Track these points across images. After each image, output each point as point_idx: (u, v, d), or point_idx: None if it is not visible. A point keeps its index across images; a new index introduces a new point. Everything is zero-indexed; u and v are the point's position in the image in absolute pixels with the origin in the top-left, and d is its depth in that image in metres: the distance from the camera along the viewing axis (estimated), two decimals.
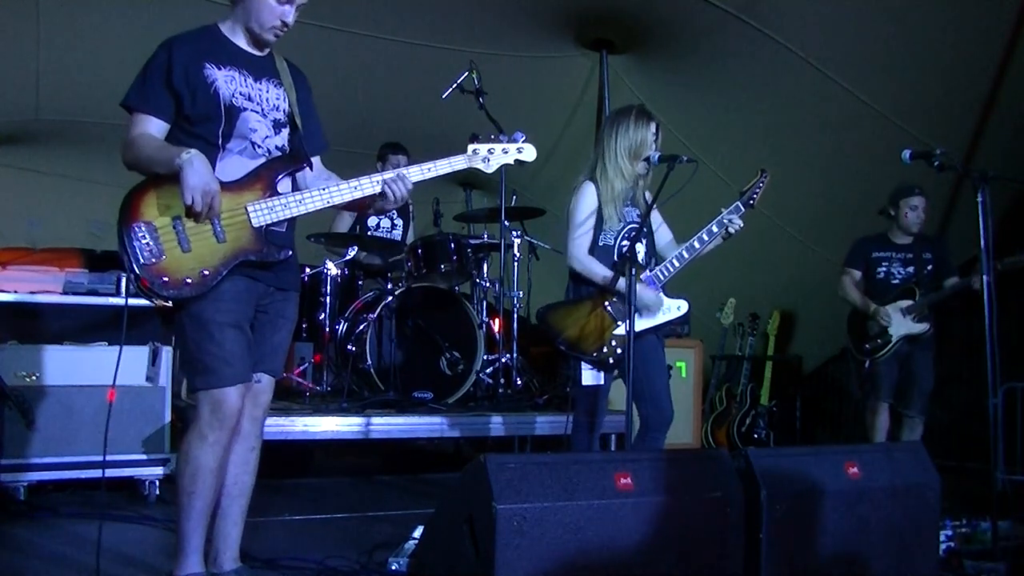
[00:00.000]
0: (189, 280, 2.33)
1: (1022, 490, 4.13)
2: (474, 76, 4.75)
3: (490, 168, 2.66)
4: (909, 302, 4.51)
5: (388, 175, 2.53)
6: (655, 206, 3.24)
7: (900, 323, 4.50)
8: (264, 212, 2.43)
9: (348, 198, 2.53)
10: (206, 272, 2.35)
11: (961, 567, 3.04)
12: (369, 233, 5.36)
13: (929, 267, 4.58)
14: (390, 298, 4.74)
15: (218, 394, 2.39)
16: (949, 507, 3.07)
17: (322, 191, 2.49)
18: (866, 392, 4.63)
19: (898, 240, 4.64)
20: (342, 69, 5.40)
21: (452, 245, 4.90)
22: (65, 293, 4.04)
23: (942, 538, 3.06)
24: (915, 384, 4.52)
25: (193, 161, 2.30)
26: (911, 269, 4.60)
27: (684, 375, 5.48)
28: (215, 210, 2.35)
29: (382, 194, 2.53)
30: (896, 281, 4.60)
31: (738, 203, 3.26)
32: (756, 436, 6.15)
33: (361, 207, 2.67)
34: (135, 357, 3.93)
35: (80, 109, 5.70)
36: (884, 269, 4.64)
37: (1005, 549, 3.04)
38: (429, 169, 2.58)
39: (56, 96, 5.55)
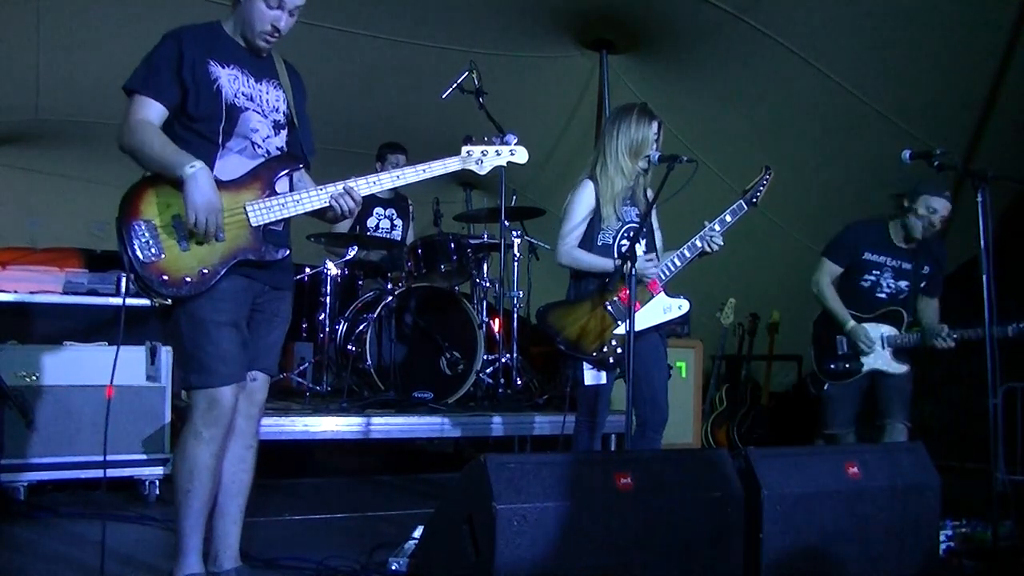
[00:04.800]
0: (188, 278, 2.34)
1: (1022, 490, 4.14)
2: (474, 76, 4.75)
3: (483, 170, 2.69)
4: (893, 331, 3.83)
5: (384, 176, 2.55)
6: (655, 206, 3.23)
7: (878, 354, 3.83)
8: (263, 211, 2.44)
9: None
10: (205, 271, 2.35)
11: (961, 567, 3.04)
12: (369, 233, 5.37)
13: (923, 284, 3.92)
14: (390, 298, 4.73)
15: (214, 393, 2.40)
16: (949, 507, 3.06)
17: (320, 191, 2.51)
18: (821, 417, 3.96)
19: (898, 242, 3.91)
20: (342, 69, 5.40)
21: (452, 245, 4.90)
22: (65, 293, 4.04)
23: (942, 538, 3.06)
24: (890, 394, 3.87)
25: (197, 177, 2.30)
26: (904, 283, 3.89)
27: (684, 375, 5.48)
28: (220, 227, 2.35)
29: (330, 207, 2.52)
30: (882, 295, 3.89)
31: (741, 201, 3.25)
32: (756, 436, 6.15)
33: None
34: (135, 357, 3.93)
35: (80, 109, 5.70)
36: (873, 278, 3.90)
37: (1005, 549, 3.04)
38: (424, 170, 2.60)
39: (56, 96, 5.55)
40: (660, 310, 3.26)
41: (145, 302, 3.69)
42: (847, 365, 3.87)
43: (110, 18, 4.83)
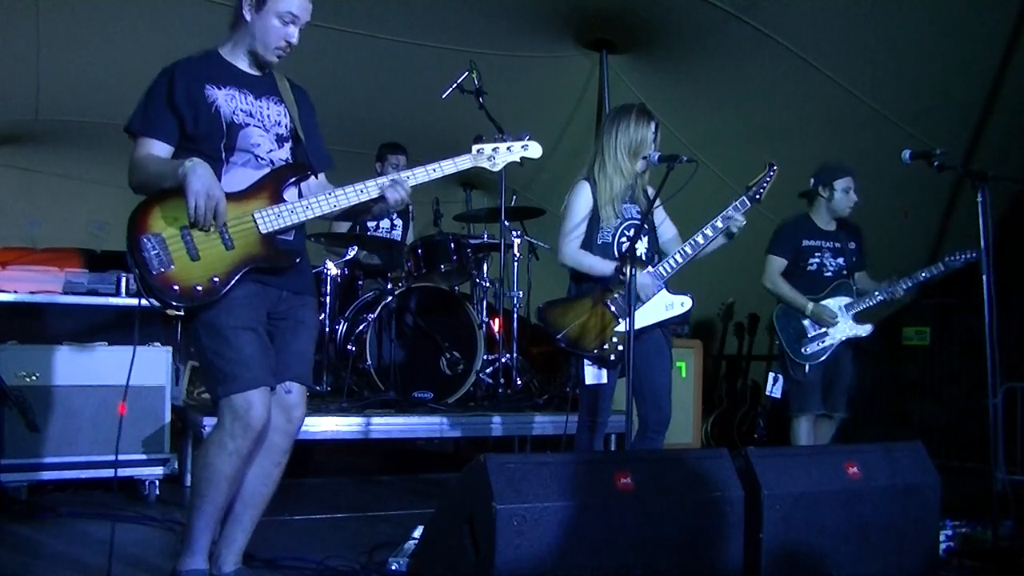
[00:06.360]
0: (199, 287, 2.34)
1: (1022, 490, 4.14)
2: (474, 76, 4.75)
3: (496, 167, 2.66)
4: (847, 299, 4.11)
5: (389, 179, 2.53)
6: (657, 203, 3.23)
7: (843, 324, 4.09)
8: (271, 219, 2.45)
9: (354, 201, 2.53)
10: (216, 279, 2.36)
11: (961, 567, 3.04)
12: (369, 233, 5.37)
13: (854, 258, 4.21)
14: (390, 298, 4.74)
15: (240, 399, 2.36)
16: (949, 507, 3.06)
17: (328, 195, 2.51)
18: (796, 402, 4.13)
19: (824, 227, 4.20)
20: (342, 69, 5.40)
21: (452, 245, 4.90)
22: (65, 293, 4.03)
23: (942, 538, 3.06)
24: (838, 384, 4.14)
25: (196, 168, 2.33)
26: (841, 260, 4.18)
27: (684, 375, 5.48)
28: (221, 215, 2.35)
29: (381, 198, 2.53)
30: (828, 274, 4.16)
31: (744, 197, 3.25)
32: (756, 436, 6.15)
33: (357, 214, 2.68)
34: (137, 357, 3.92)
35: (80, 109, 5.70)
36: (817, 260, 4.16)
37: (1005, 549, 3.04)
38: (434, 170, 2.59)
39: (56, 96, 5.55)
40: (662, 307, 3.26)
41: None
42: (820, 344, 4.10)
43: (110, 18, 4.82)
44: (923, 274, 4.01)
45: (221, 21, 2.61)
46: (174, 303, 2.35)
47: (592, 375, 3.20)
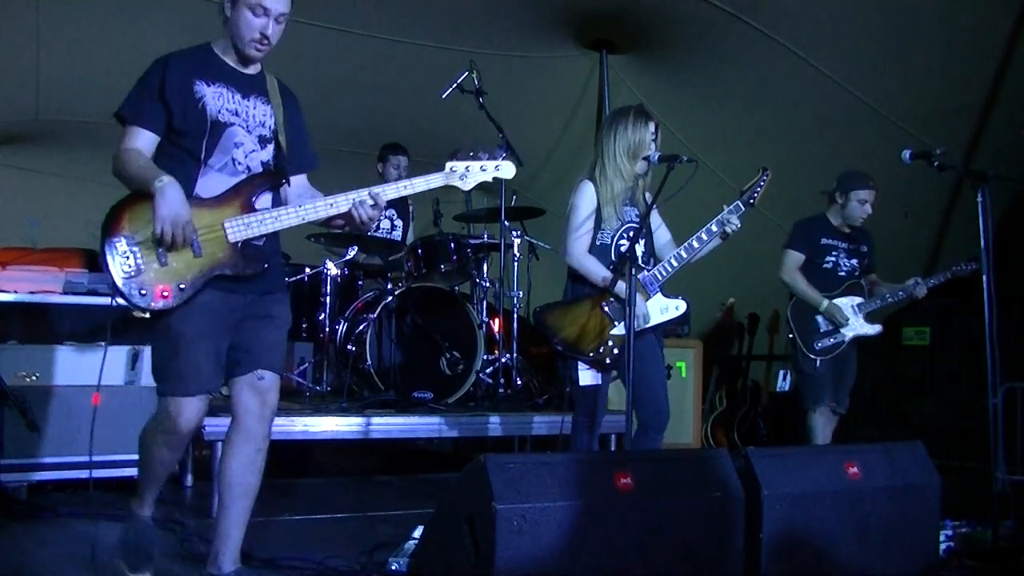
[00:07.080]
0: (166, 293, 2.38)
1: (1022, 490, 4.13)
2: (474, 76, 4.75)
3: (467, 186, 2.70)
4: (859, 299, 4.25)
5: (362, 193, 2.54)
6: (655, 206, 3.24)
7: (854, 323, 4.22)
8: (240, 228, 2.48)
9: (323, 215, 2.56)
10: (182, 286, 2.40)
11: (961, 567, 3.04)
12: (369, 233, 5.36)
13: (866, 260, 4.37)
14: (390, 298, 4.74)
15: (173, 403, 2.48)
16: (949, 507, 3.06)
17: (298, 208, 2.54)
18: (810, 395, 4.28)
19: (839, 227, 4.33)
20: (342, 69, 5.40)
21: (452, 245, 4.90)
22: (65, 293, 4.03)
23: (942, 538, 3.06)
24: (844, 381, 4.30)
25: (166, 190, 2.35)
26: (855, 261, 4.33)
27: (684, 375, 5.48)
28: (188, 239, 2.38)
29: (349, 216, 2.55)
30: (843, 273, 4.30)
31: (738, 202, 3.26)
32: (756, 436, 6.14)
33: (334, 224, 2.70)
34: (137, 358, 3.93)
35: (80, 109, 5.70)
36: (832, 259, 4.29)
37: (1005, 549, 3.04)
38: (406, 187, 2.63)
39: (56, 96, 5.55)
40: (658, 311, 3.26)
41: None
42: (832, 340, 4.24)
43: (110, 18, 4.83)
44: (931, 280, 4.22)
45: (220, 21, 2.61)
46: (140, 306, 2.38)
47: (588, 377, 3.20)
